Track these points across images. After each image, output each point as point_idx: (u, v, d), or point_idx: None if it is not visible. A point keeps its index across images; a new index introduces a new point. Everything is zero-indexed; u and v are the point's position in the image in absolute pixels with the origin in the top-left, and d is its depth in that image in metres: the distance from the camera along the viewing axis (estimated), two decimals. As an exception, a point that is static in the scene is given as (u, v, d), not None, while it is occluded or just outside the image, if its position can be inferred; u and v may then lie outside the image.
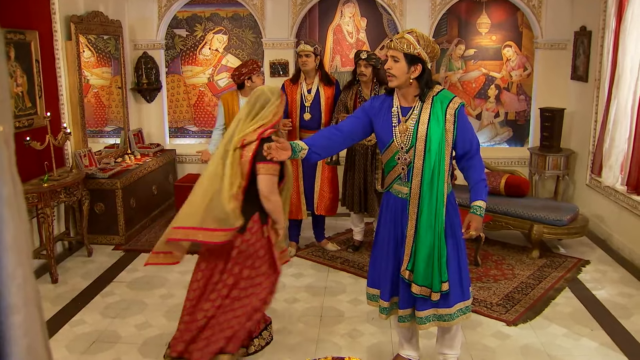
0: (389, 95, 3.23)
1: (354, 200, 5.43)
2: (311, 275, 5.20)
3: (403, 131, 3.11)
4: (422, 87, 3.09)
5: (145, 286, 4.98)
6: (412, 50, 3.00)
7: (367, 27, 7.39)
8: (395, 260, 3.28)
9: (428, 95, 3.10)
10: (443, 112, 3.07)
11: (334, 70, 7.46)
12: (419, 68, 3.04)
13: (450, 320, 3.24)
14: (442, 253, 3.13)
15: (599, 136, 6.05)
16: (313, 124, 5.39)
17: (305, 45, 5.23)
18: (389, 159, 3.21)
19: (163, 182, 6.98)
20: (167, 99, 7.67)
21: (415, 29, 3.13)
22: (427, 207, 3.09)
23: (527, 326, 4.25)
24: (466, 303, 3.29)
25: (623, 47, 5.45)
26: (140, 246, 5.88)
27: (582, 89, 6.65)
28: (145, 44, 7.32)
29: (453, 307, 3.23)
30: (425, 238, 3.11)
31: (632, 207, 5.40)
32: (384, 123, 3.17)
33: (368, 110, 3.25)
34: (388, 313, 3.36)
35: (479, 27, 7.29)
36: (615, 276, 5.15)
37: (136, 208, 6.18)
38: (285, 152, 3.03)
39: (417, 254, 3.14)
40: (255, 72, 5.22)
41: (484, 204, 3.17)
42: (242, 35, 7.50)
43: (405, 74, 3.04)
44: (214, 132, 5.46)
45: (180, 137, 7.82)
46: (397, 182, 3.22)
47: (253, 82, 5.22)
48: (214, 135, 5.46)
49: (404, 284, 3.23)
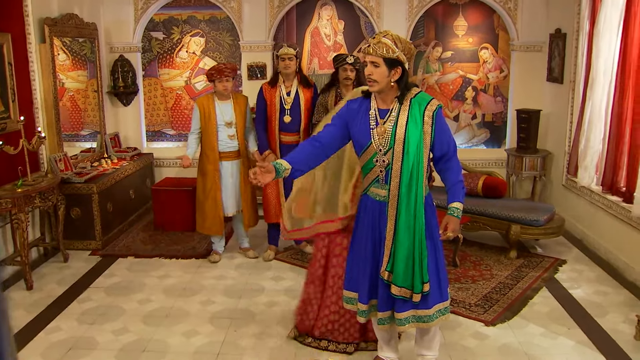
0: (366, 98, 3.26)
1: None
2: (290, 279, 5.20)
3: (381, 133, 3.13)
4: (401, 88, 3.12)
5: (122, 291, 4.94)
6: (391, 54, 3.03)
7: (344, 30, 7.42)
8: (373, 263, 3.29)
9: (406, 97, 3.13)
10: (421, 114, 3.09)
11: (311, 73, 7.48)
12: (399, 71, 3.08)
13: (430, 321, 3.26)
14: (424, 254, 3.16)
15: (575, 137, 6.15)
16: (293, 127, 5.39)
17: (288, 49, 5.24)
18: (366, 162, 3.23)
19: (140, 186, 6.94)
20: (144, 102, 7.63)
21: (389, 30, 3.15)
22: (406, 208, 3.12)
23: (505, 326, 4.30)
24: (445, 304, 3.32)
25: (597, 50, 5.55)
26: (118, 251, 5.84)
27: (558, 90, 6.76)
28: (122, 46, 7.27)
29: (432, 308, 3.25)
30: (404, 239, 3.13)
31: (607, 207, 5.50)
32: (361, 125, 3.19)
33: (344, 114, 3.26)
34: (367, 316, 3.37)
35: (456, 30, 7.37)
36: (591, 275, 5.23)
37: (113, 213, 6.13)
38: (269, 175, 3.05)
39: (396, 255, 3.16)
40: (218, 77, 5.22)
41: (461, 205, 3.22)
42: (220, 38, 7.49)
43: (386, 78, 3.07)
44: (190, 136, 5.43)
45: (157, 141, 7.78)
46: (375, 184, 3.23)
47: (216, 87, 5.29)
48: (190, 140, 5.43)
49: (383, 286, 3.24)
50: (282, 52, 5.25)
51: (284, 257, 5.66)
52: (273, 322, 4.38)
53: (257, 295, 4.86)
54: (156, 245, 6.04)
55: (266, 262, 5.56)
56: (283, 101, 5.33)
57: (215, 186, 5.36)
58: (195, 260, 5.65)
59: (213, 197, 5.38)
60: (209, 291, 4.94)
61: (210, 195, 5.38)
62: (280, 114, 5.34)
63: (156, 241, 6.15)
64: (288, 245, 5.88)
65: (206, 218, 5.45)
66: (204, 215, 5.46)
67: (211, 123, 5.28)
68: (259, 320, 4.41)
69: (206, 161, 5.37)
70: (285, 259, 5.63)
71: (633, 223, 4.99)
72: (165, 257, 5.70)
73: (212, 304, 4.70)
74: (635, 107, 5.07)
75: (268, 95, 5.34)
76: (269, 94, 5.35)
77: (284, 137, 5.39)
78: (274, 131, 5.38)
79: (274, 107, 5.33)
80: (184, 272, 5.36)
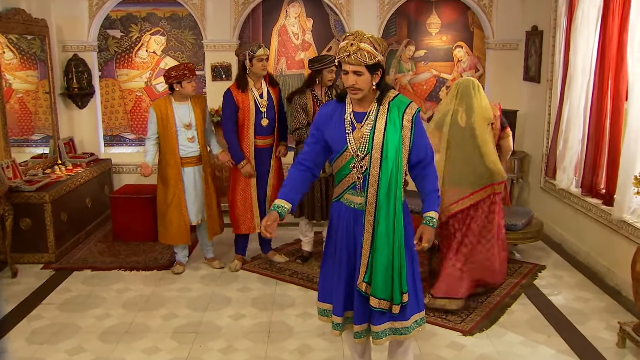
0: (340, 102, 3.21)
1: (315, 207, 5.42)
2: (258, 289, 5.14)
3: (358, 138, 3.09)
4: (381, 89, 3.10)
5: (78, 307, 4.81)
6: (373, 59, 2.99)
7: (313, 28, 7.40)
8: (348, 273, 3.24)
9: (384, 100, 3.10)
10: (400, 117, 3.06)
11: (279, 73, 7.44)
12: (380, 72, 3.06)
13: (407, 333, 3.23)
14: (403, 263, 3.13)
15: (553, 138, 6.20)
16: (269, 130, 5.34)
17: (265, 49, 5.18)
18: (340, 167, 3.18)
19: (98, 193, 6.81)
20: (101, 104, 7.49)
21: (361, 31, 3.06)
22: (385, 216, 3.08)
23: (483, 335, 4.29)
24: (421, 314, 3.30)
25: (574, 47, 5.61)
26: (73, 264, 5.70)
27: (535, 90, 6.82)
28: (76, 45, 7.12)
29: (409, 320, 3.23)
30: (383, 249, 3.10)
31: (586, 210, 5.55)
32: (335, 130, 3.15)
33: (318, 123, 3.23)
34: (341, 329, 3.31)
35: (429, 28, 7.40)
36: (571, 281, 5.27)
37: (68, 223, 5.99)
38: (275, 224, 3.14)
39: (374, 266, 3.12)
40: (185, 77, 5.10)
41: (437, 215, 3.21)
42: (182, 37, 7.40)
43: (369, 83, 3.04)
44: (147, 142, 5.29)
45: (116, 146, 7.66)
46: (350, 191, 3.18)
47: (182, 88, 5.13)
48: (148, 146, 5.29)
49: (360, 298, 3.19)
50: (261, 52, 5.14)
51: (252, 267, 5.59)
52: (240, 336, 4.32)
53: (223, 307, 4.79)
54: (115, 256, 5.91)
55: (232, 273, 5.48)
56: (258, 104, 5.25)
57: (178, 192, 5.26)
58: (157, 271, 5.54)
59: (177, 204, 5.27)
60: (171, 304, 4.85)
61: (173, 202, 5.27)
62: (257, 117, 5.25)
63: (115, 252, 6.02)
64: (256, 255, 5.82)
65: (169, 226, 5.34)
66: (167, 224, 5.35)
67: (170, 127, 5.17)
68: (225, 334, 4.34)
69: (167, 167, 5.26)
70: (252, 268, 5.56)
71: (613, 226, 5.03)
72: (124, 269, 5.60)
73: (175, 317, 4.62)
74: (614, 106, 5.11)
75: (240, 99, 5.21)
76: (241, 97, 5.22)
77: (258, 142, 5.32)
78: (249, 136, 5.27)
79: (249, 111, 5.22)
80: (145, 284, 5.26)
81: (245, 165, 5.22)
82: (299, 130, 5.27)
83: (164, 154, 5.26)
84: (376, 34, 7.06)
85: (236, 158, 5.25)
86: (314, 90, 5.32)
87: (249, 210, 5.37)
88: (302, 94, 5.30)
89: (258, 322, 4.52)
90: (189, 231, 5.38)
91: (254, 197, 5.36)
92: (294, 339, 4.27)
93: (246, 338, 4.28)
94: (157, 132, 5.22)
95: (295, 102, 5.30)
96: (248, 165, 5.23)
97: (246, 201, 5.36)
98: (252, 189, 5.34)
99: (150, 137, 5.26)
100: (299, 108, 5.26)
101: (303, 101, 5.27)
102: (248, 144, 5.28)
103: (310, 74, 5.36)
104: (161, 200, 5.35)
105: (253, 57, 5.14)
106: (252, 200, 5.37)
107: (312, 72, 5.31)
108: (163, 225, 5.39)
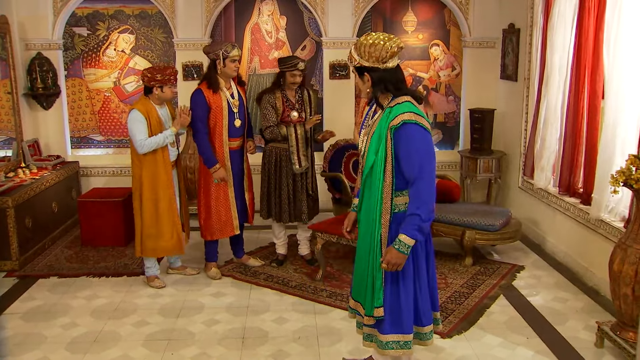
0: None
1: (282, 208, 5.42)
2: (232, 294, 5.12)
3: (362, 138, 3.29)
4: (374, 93, 3.18)
5: (43, 316, 4.74)
6: (354, 63, 3.16)
7: (287, 26, 7.40)
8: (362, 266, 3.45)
9: (386, 105, 3.15)
10: (386, 126, 3.09)
11: (252, 73, 7.43)
12: (367, 76, 3.15)
13: (382, 348, 3.27)
14: (377, 275, 3.17)
15: (530, 137, 6.29)
16: (241, 131, 5.33)
17: (239, 50, 5.17)
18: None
19: (65, 198, 6.73)
20: (68, 105, 7.41)
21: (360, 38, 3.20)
22: (365, 221, 3.23)
23: (461, 337, 4.34)
24: (405, 337, 3.25)
25: (551, 45, 5.70)
26: (39, 271, 5.62)
27: (512, 88, 6.91)
28: (40, 43, 7.03)
29: (386, 336, 3.25)
30: (360, 253, 3.23)
31: (564, 209, 5.63)
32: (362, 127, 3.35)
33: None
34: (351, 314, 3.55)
35: (405, 26, 7.45)
36: (550, 281, 5.34)
37: (33, 228, 5.91)
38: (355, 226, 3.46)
39: (355, 266, 3.31)
40: (169, 82, 5.03)
41: (407, 239, 3.04)
42: (151, 35, 7.35)
43: (363, 85, 3.20)
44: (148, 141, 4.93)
45: (84, 148, 7.57)
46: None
47: (163, 93, 5.05)
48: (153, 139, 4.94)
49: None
50: (235, 54, 5.10)
51: (226, 272, 5.57)
52: (214, 342, 4.30)
53: (195, 313, 4.77)
54: (83, 262, 5.85)
55: (205, 278, 5.46)
56: (231, 105, 5.22)
57: (171, 197, 5.12)
58: (128, 277, 5.50)
59: (171, 211, 5.12)
60: (143, 311, 4.82)
61: (165, 209, 5.10)
62: (230, 118, 5.22)
63: (83, 258, 5.96)
64: (229, 259, 5.80)
65: (161, 240, 5.14)
66: (159, 238, 5.13)
67: (160, 131, 5.04)
68: (198, 341, 4.32)
69: (157, 174, 5.05)
70: (226, 273, 5.55)
71: (591, 225, 5.11)
72: (93, 276, 5.54)
73: (147, 325, 4.58)
74: (591, 104, 5.20)
75: (212, 100, 5.17)
76: (213, 99, 5.17)
77: (232, 143, 5.30)
78: (222, 139, 5.23)
79: (222, 112, 5.17)
80: (114, 291, 5.21)
81: (218, 169, 5.17)
82: (270, 129, 5.28)
83: (154, 159, 5.04)
84: (350, 33, 7.18)
85: (209, 162, 5.17)
86: (284, 90, 5.35)
87: (227, 214, 5.33)
88: (272, 94, 5.34)
89: (232, 328, 4.50)
90: (182, 240, 5.27)
91: (232, 199, 5.33)
92: (270, 344, 4.27)
93: (220, 344, 4.27)
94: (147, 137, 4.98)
95: (265, 100, 5.32)
96: (221, 170, 5.18)
97: (225, 204, 5.31)
98: (229, 192, 5.30)
99: (142, 139, 4.94)
100: (269, 106, 5.29)
101: (272, 100, 5.30)
102: (222, 146, 5.23)
103: (278, 74, 5.41)
104: (149, 209, 5.09)
105: (227, 58, 5.09)
106: (230, 202, 5.32)
107: (279, 73, 5.37)
108: (153, 239, 5.14)
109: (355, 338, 4.17)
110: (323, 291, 5.11)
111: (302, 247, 5.74)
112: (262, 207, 5.53)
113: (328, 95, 7.36)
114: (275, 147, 5.41)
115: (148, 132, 4.97)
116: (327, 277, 5.37)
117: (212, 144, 5.21)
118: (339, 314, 4.68)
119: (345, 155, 6.39)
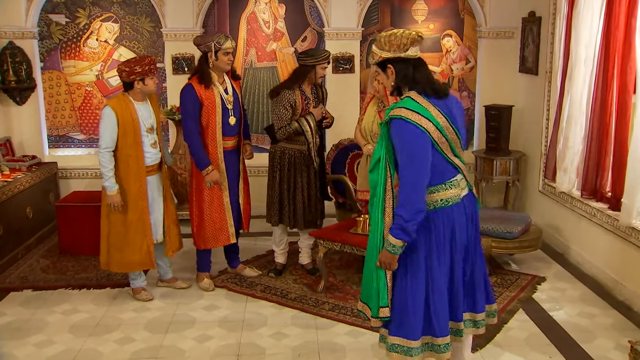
0: None
1: (297, 214, 5.40)
2: (226, 307, 5.09)
3: None
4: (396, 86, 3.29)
5: (15, 334, 4.68)
6: (377, 58, 3.27)
7: (286, 16, 7.37)
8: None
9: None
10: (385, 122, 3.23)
11: (248, 66, 7.40)
12: (391, 68, 3.25)
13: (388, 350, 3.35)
14: (380, 275, 3.26)
15: (552, 136, 6.25)
16: (236, 129, 5.29)
17: (233, 42, 5.13)
18: None
19: (41, 202, 6.70)
20: (45, 100, 7.39)
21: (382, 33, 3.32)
22: (373, 222, 3.30)
23: (477, 355, 4.29)
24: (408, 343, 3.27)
25: (576, 35, 5.66)
26: (10, 283, 5.57)
27: (532, 82, 6.87)
28: (11, 31, 7.01)
29: (391, 337, 3.33)
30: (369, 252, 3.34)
31: (590, 215, 5.58)
32: None
33: None
34: None
35: (415, 15, 7.42)
36: (574, 294, 5.29)
37: (4, 236, 5.88)
38: None
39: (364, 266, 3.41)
40: (150, 73, 4.94)
41: (392, 239, 3.13)
42: (137, 24, 7.31)
43: (387, 80, 3.32)
44: (104, 155, 4.87)
45: (63, 147, 7.55)
46: None
47: (145, 85, 4.96)
48: (106, 162, 4.87)
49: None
50: (228, 45, 5.05)
51: (219, 282, 5.54)
52: (205, 361, 4.27)
53: (186, 328, 4.74)
54: (61, 273, 5.82)
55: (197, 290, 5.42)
56: (225, 101, 5.16)
57: (143, 209, 5.02)
58: (111, 289, 5.46)
59: (141, 223, 5.03)
60: (127, 327, 4.78)
61: (134, 222, 5.01)
62: (224, 115, 5.17)
63: (62, 269, 5.93)
64: (223, 268, 5.76)
65: (128, 252, 5.05)
66: (125, 250, 5.04)
67: (136, 131, 4.93)
68: (188, 358, 4.30)
69: (127, 181, 4.98)
70: (220, 284, 5.52)
71: (621, 233, 5.07)
72: (72, 288, 5.51)
73: (132, 342, 4.54)
74: (621, 100, 5.15)
75: (204, 96, 5.11)
76: (206, 94, 5.11)
77: (226, 143, 5.25)
78: (216, 138, 5.18)
79: (216, 109, 5.12)
80: (96, 305, 5.17)
81: (211, 171, 5.11)
82: (284, 129, 5.23)
83: (124, 166, 4.96)
84: (355, 22, 7.18)
85: (201, 163, 5.11)
86: (302, 86, 5.30)
87: (222, 220, 5.28)
88: (292, 90, 5.26)
89: (226, 344, 4.47)
90: (153, 253, 5.14)
91: (227, 204, 5.27)
92: (267, 363, 4.24)
93: (212, 363, 4.24)
94: (116, 140, 4.90)
95: (284, 97, 5.23)
96: (215, 172, 5.12)
97: (219, 211, 5.25)
98: (223, 196, 5.25)
99: (108, 147, 4.89)
100: (287, 105, 5.22)
101: (292, 98, 5.23)
102: (215, 146, 5.19)
103: (300, 69, 5.32)
104: (117, 222, 5.02)
105: (219, 50, 5.04)
106: (225, 208, 5.28)
107: (302, 67, 5.29)
108: (118, 251, 5.06)
109: (360, 355, 4.17)
110: (325, 304, 5.07)
111: (303, 256, 5.70)
112: (271, 213, 5.47)
113: (331, 90, 7.27)
114: (288, 148, 5.36)
115: (118, 132, 4.87)
116: (330, 288, 5.33)
117: (205, 144, 5.16)
118: (342, 329, 4.65)
119: (349, 156, 6.34)
